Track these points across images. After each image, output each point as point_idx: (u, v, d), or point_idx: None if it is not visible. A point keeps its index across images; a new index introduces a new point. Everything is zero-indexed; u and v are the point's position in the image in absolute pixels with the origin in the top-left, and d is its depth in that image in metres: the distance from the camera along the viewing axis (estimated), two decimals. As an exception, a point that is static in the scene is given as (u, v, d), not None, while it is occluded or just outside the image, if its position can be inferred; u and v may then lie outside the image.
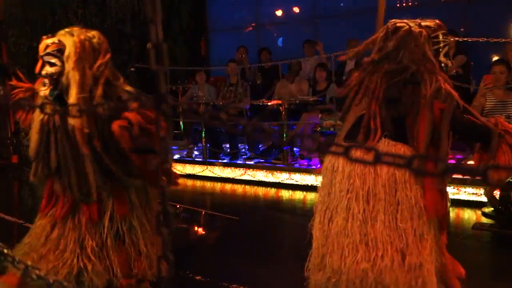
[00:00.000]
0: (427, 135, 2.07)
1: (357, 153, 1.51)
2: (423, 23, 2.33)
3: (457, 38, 5.34)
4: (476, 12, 6.96)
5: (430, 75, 2.11)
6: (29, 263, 0.82)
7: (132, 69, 7.38)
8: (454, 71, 5.46)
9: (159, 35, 0.53)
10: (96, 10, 7.86)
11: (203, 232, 4.14)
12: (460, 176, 4.58)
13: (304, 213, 4.74)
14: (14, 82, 2.58)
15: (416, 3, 7.54)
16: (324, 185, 2.24)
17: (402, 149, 2.08)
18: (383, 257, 2.01)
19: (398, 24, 2.30)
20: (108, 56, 2.35)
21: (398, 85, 2.14)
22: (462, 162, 4.64)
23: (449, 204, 3.08)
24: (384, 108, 2.14)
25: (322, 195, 2.25)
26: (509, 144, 2.17)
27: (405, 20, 2.33)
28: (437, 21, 2.37)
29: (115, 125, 1.99)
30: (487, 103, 4.23)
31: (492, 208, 4.18)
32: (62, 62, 2.29)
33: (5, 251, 0.79)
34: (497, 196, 4.15)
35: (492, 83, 4.30)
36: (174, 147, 7.07)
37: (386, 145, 2.08)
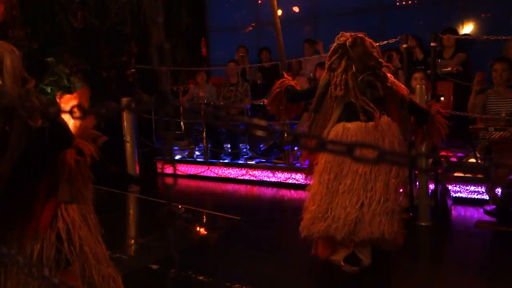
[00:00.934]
0: (398, 111, 2.97)
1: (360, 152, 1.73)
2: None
3: (456, 36, 5.34)
4: (475, 9, 6.96)
5: (382, 71, 2.98)
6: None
7: (133, 70, 7.38)
8: (455, 68, 5.46)
9: (161, 35, 0.53)
10: (96, 11, 7.87)
11: (205, 232, 4.14)
12: (462, 174, 4.58)
13: (301, 214, 4.75)
14: None
15: (415, 1, 7.53)
16: (331, 159, 2.80)
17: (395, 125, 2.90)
18: (371, 204, 2.69)
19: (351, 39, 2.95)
20: None
21: (369, 77, 2.93)
22: (463, 160, 4.63)
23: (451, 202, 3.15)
24: (368, 94, 2.89)
25: (331, 163, 2.80)
26: (438, 121, 3.13)
27: (349, 34, 2.99)
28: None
29: (70, 159, 1.86)
30: (488, 101, 4.23)
31: (494, 206, 4.18)
32: None
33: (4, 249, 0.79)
34: (499, 194, 4.15)
35: (483, 80, 4.35)
36: (176, 148, 7.07)
37: (387, 121, 2.87)
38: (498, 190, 4.11)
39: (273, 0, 3.79)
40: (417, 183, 4.08)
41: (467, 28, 6.90)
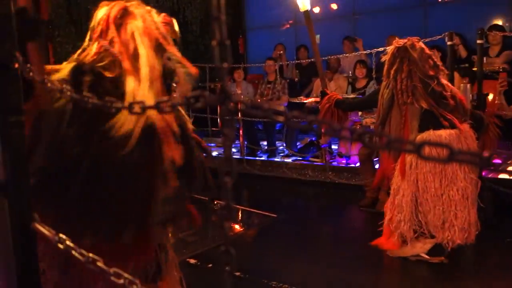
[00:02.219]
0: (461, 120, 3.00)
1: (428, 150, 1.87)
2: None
3: (503, 33, 5.16)
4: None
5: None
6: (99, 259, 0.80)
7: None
8: (500, 67, 5.27)
9: (223, 32, 0.54)
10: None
11: (241, 229, 4.16)
12: None
13: (341, 212, 4.70)
14: None
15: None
16: (432, 167, 2.84)
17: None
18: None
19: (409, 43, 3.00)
20: None
21: (438, 88, 2.95)
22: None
23: None
24: (441, 104, 2.93)
25: (433, 175, 2.85)
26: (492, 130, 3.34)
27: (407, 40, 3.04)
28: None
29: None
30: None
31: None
32: None
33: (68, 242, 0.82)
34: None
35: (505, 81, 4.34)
36: (212, 144, 7.14)
37: (468, 129, 2.95)
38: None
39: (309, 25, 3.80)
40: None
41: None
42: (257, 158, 6.39)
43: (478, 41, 4.00)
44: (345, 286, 2.87)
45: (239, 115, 5.53)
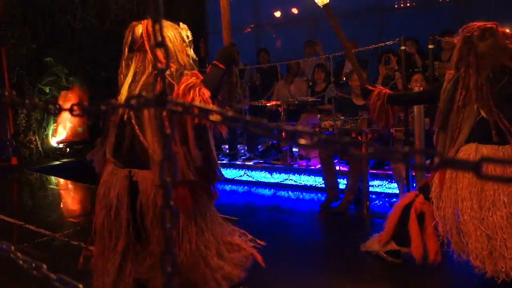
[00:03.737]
0: None
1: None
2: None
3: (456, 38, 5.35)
4: (475, 11, 6.99)
5: None
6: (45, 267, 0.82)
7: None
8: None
9: (162, 35, 0.54)
10: (95, 11, 7.88)
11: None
12: None
13: (303, 213, 4.75)
14: None
15: (414, 3, 7.56)
16: (468, 184, 2.47)
17: None
18: None
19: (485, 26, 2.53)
20: None
21: (509, 89, 2.43)
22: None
23: None
24: (505, 110, 2.42)
25: (470, 193, 2.46)
26: None
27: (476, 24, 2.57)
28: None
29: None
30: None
31: None
32: None
33: (19, 254, 0.80)
34: None
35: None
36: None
37: None
38: None
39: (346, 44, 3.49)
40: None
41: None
42: (218, 161, 6.36)
43: (430, 46, 4.15)
44: None
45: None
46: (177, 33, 2.30)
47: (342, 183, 4.66)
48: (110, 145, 2.23)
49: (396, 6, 7.77)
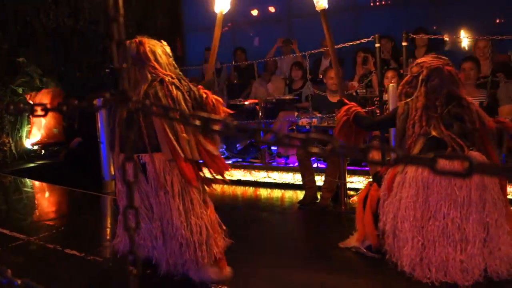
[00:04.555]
0: (492, 144, 2.76)
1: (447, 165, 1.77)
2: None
3: (428, 36, 5.45)
4: (448, 9, 7.12)
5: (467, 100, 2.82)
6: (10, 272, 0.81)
7: (107, 70, 7.29)
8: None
9: (121, 33, 0.54)
10: (69, 10, 7.74)
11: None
12: None
13: (282, 211, 4.77)
14: None
15: (389, 2, 7.65)
16: (413, 194, 2.67)
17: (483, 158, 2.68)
18: (472, 247, 2.54)
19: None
20: None
21: (456, 109, 2.74)
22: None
23: None
24: (455, 128, 2.71)
25: (414, 203, 2.66)
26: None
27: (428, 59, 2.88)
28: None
29: None
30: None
31: None
32: None
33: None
34: None
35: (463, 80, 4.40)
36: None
37: (476, 157, 2.59)
38: None
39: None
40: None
41: (439, 28, 7.06)
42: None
43: (403, 43, 4.21)
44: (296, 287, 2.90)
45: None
46: (163, 50, 2.88)
47: (321, 181, 4.69)
48: (118, 139, 2.67)
49: (371, 4, 7.86)
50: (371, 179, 3.29)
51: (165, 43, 2.94)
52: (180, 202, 2.66)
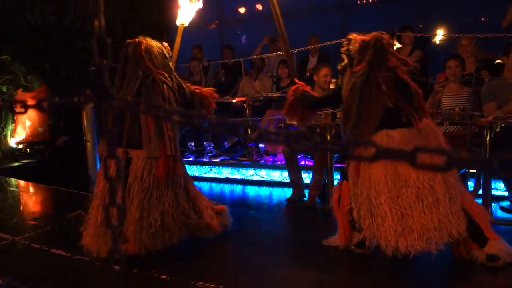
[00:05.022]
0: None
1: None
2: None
3: (414, 34, 5.50)
4: (435, 7, 7.18)
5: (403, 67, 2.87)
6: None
7: (93, 68, 7.22)
8: (412, 66, 5.62)
9: (102, 28, 0.53)
10: (54, 7, 7.64)
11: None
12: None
13: (270, 208, 4.78)
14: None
15: (375, 0, 7.70)
16: (383, 167, 2.69)
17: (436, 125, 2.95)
18: (444, 206, 2.64)
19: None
20: None
21: (399, 77, 2.79)
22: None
23: None
24: (404, 96, 2.76)
25: (385, 175, 2.68)
26: None
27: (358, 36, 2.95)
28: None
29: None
30: (443, 96, 4.38)
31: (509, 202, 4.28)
32: None
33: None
34: None
35: (443, 81, 4.45)
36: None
37: (428, 123, 2.79)
38: None
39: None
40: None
41: (425, 27, 7.12)
42: (184, 159, 6.32)
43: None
44: (284, 285, 2.90)
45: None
46: (159, 51, 3.15)
47: (308, 178, 4.71)
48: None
49: (358, 2, 7.90)
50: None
51: (166, 44, 3.26)
52: (145, 196, 2.94)
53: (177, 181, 3.09)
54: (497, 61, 5.08)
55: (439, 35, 6.45)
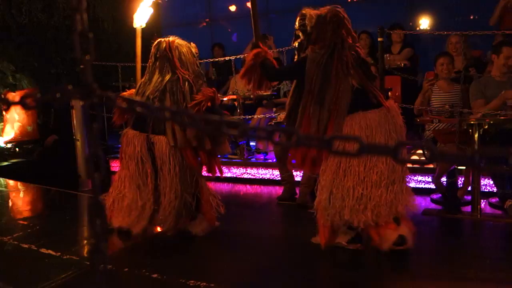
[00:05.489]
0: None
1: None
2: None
3: (404, 31, 5.52)
4: (424, 4, 7.22)
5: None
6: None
7: (82, 66, 7.17)
8: (402, 63, 5.65)
9: (84, 23, 0.53)
10: (43, 5, 7.57)
11: (159, 229, 4.08)
12: (410, 165, 4.75)
13: (261, 207, 4.78)
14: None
15: (366, -2, 7.72)
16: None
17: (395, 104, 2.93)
18: (398, 185, 2.73)
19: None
20: None
21: (362, 57, 2.81)
22: (411, 151, 4.81)
23: None
24: (368, 76, 2.78)
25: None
26: None
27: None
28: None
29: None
30: (432, 94, 4.40)
31: (439, 195, 4.37)
32: None
33: None
34: (444, 183, 4.34)
35: (433, 79, 4.48)
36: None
37: (393, 103, 2.85)
38: (443, 180, 4.30)
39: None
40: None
41: (415, 24, 7.16)
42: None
43: (379, 39, 4.25)
44: (276, 283, 2.90)
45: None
46: (188, 50, 3.37)
47: (299, 176, 4.71)
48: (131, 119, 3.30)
49: (349, 0, 7.91)
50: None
51: (193, 45, 3.47)
52: (177, 179, 3.21)
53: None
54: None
55: (429, 32, 6.49)
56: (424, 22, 6.87)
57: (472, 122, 3.68)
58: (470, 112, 3.90)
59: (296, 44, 3.02)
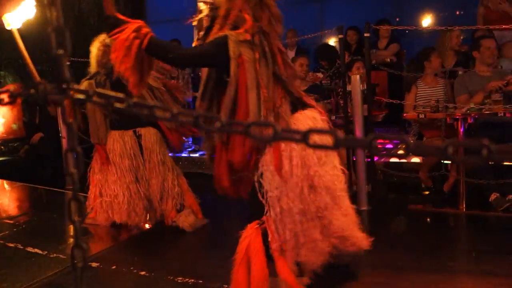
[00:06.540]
0: None
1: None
2: None
3: (390, 27, 5.55)
4: (409, 2, 7.26)
5: None
6: None
7: (68, 63, 7.09)
8: (388, 59, 5.68)
9: (59, 18, 0.52)
10: (26, 1, 7.46)
11: (147, 226, 4.07)
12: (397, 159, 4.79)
13: (244, 205, 4.77)
14: None
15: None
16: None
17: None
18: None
19: None
20: None
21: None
22: (398, 146, 4.84)
23: None
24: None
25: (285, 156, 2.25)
26: None
27: None
28: None
29: None
30: (418, 90, 4.43)
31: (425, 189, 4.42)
32: None
33: None
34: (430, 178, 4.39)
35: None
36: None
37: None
38: (429, 174, 4.35)
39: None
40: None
41: (402, 20, 7.20)
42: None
43: (366, 34, 4.26)
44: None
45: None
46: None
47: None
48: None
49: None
50: None
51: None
52: (164, 166, 3.60)
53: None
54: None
55: (416, 27, 6.52)
56: (412, 19, 6.91)
57: (457, 117, 3.72)
58: (455, 106, 3.94)
59: (195, 22, 2.51)
